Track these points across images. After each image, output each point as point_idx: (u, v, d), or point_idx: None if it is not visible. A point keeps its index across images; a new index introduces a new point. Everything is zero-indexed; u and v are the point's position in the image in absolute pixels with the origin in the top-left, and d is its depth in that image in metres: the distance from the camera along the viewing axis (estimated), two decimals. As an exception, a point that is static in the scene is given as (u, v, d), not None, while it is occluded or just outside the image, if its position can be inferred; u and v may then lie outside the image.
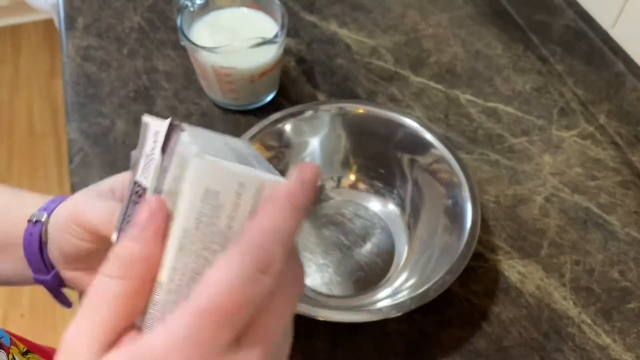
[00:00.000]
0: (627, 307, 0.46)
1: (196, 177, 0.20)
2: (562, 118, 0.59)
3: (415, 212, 0.48)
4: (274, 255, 0.20)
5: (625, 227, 0.50)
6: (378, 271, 0.47)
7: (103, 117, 0.57)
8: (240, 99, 0.56)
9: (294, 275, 0.22)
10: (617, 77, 0.63)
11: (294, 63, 0.63)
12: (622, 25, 0.65)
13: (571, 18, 0.69)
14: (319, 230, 0.49)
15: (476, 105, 0.60)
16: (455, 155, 0.46)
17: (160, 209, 0.21)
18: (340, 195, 0.51)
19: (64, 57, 0.63)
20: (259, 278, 0.19)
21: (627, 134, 0.57)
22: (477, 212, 0.43)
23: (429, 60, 0.64)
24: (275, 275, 0.20)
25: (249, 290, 0.19)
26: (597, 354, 0.43)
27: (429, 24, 0.68)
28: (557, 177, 0.54)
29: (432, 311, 0.45)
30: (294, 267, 0.22)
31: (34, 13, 1.87)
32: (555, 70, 0.63)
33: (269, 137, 0.48)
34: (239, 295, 0.19)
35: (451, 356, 0.43)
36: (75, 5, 0.68)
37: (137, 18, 0.67)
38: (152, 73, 0.61)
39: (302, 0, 0.70)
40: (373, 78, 0.62)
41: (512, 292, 0.46)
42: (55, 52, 1.82)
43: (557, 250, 0.49)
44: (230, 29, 0.55)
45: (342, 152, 0.51)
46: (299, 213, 0.21)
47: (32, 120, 1.65)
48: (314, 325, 0.44)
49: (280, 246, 0.20)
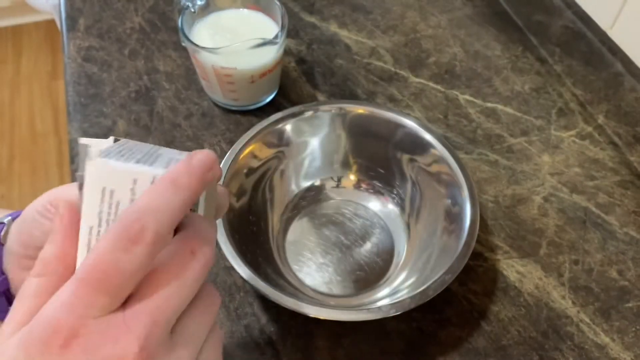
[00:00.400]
0: (626, 306, 0.46)
1: (92, 179, 0.23)
2: (561, 118, 0.59)
3: (415, 212, 0.49)
4: (144, 228, 0.21)
5: (624, 227, 0.51)
6: (378, 270, 0.47)
7: (104, 117, 0.57)
8: (240, 99, 0.57)
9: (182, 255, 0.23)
10: (615, 77, 0.63)
11: (294, 64, 0.63)
12: (621, 26, 0.65)
13: (570, 19, 0.69)
14: (319, 230, 0.49)
15: (475, 106, 0.60)
16: (455, 155, 0.46)
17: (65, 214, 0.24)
18: (340, 195, 0.52)
19: (65, 58, 0.63)
20: (128, 248, 0.21)
21: (626, 134, 0.58)
22: (476, 211, 0.43)
23: (428, 60, 0.64)
24: (148, 245, 0.21)
25: (119, 260, 0.21)
26: (595, 352, 0.43)
27: (428, 25, 0.68)
28: (555, 177, 0.54)
29: (431, 310, 0.45)
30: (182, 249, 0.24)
31: (35, 14, 1.87)
32: (554, 71, 0.64)
33: (269, 137, 0.48)
34: (109, 262, 0.21)
35: (450, 355, 0.43)
36: (76, 6, 0.68)
37: (138, 19, 0.67)
38: (153, 73, 0.61)
39: (302, 1, 0.70)
40: (373, 78, 0.62)
41: (511, 291, 0.47)
42: (56, 52, 1.82)
43: (555, 250, 0.49)
44: (230, 29, 0.55)
45: (342, 152, 0.51)
46: (182, 191, 0.23)
47: (33, 121, 1.66)
48: (314, 325, 0.44)
49: (151, 219, 0.22)
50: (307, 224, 0.50)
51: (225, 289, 0.46)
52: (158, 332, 0.22)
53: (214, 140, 0.56)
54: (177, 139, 0.56)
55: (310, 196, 0.51)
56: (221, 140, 0.56)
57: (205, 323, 0.25)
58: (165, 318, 0.22)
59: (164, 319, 0.22)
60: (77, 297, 0.21)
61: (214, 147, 0.55)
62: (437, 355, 0.43)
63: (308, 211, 0.51)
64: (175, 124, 0.57)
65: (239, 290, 0.46)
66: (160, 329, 0.22)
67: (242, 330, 0.44)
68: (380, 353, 0.43)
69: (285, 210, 0.50)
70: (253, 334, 0.43)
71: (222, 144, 0.56)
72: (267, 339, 0.43)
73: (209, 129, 0.57)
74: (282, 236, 0.49)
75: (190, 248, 0.23)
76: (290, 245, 0.48)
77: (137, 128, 0.56)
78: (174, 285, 0.23)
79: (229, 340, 0.43)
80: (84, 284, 0.21)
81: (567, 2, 0.71)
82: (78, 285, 0.21)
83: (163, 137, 0.56)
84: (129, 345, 0.21)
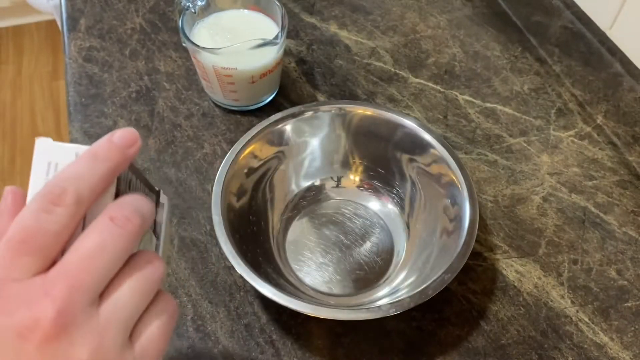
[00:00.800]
0: (625, 305, 0.46)
1: (39, 154, 0.25)
2: (560, 118, 0.59)
3: (414, 212, 0.49)
4: (64, 190, 0.23)
5: (623, 227, 0.51)
6: (377, 270, 0.47)
7: (105, 118, 0.57)
8: (240, 100, 0.57)
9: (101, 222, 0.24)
10: (614, 77, 0.63)
11: (294, 64, 0.63)
12: (620, 27, 0.65)
13: (569, 19, 0.69)
14: (318, 230, 0.50)
15: (474, 106, 0.60)
16: (454, 155, 0.46)
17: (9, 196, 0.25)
18: (340, 195, 0.52)
19: (66, 58, 0.63)
20: (50, 209, 0.22)
21: (625, 134, 0.58)
22: (475, 211, 0.43)
23: (428, 61, 0.65)
24: (67, 206, 0.23)
25: (41, 219, 0.22)
26: (594, 352, 0.44)
27: (427, 26, 0.69)
28: (554, 177, 0.54)
29: (430, 310, 0.45)
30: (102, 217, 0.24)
31: (36, 14, 1.87)
32: (553, 71, 0.64)
33: (269, 138, 0.48)
34: (31, 223, 0.22)
35: (449, 354, 0.43)
36: (77, 6, 0.69)
37: (139, 19, 0.67)
38: (153, 74, 0.62)
39: (303, 2, 0.71)
40: (372, 79, 0.62)
41: (510, 290, 0.47)
42: (57, 53, 1.83)
43: (554, 250, 0.49)
44: (231, 30, 0.56)
45: (342, 152, 0.51)
46: (98, 162, 0.24)
47: (35, 121, 1.66)
48: (314, 324, 0.44)
49: (71, 183, 0.23)
50: (307, 224, 0.50)
51: (225, 289, 0.46)
52: (78, 297, 0.22)
53: (214, 140, 0.56)
54: (178, 139, 0.56)
55: (310, 196, 0.51)
56: (221, 141, 0.56)
57: (139, 292, 0.24)
58: (85, 284, 0.22)
59: (85, 285, 0.22)
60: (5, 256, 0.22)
61: (215, 147, 0.56)
62: (436, 355, 0.43)
63: (308, 211, 0.51)
64: (176, 124, 0.57)
65: (239, 290, 0.46)
66: (80, 295, 0.22)
67: (242, 330, 0.44)
68: (380, 352, 0.43)
69: (286, 210, 0.50)
70: (253, 333, 0.44)
71: (222, 144, 0.56)
72: (267, 338, 0.44)
73: (210, 129, 0.57)
74: (282, 236, 0.49)
75: (110, 215, 0.24)
76: (290, 245, 0.49)
77: (138, 128, 0.56)
78: (93, 250, 0.23)
79: (229, 340, 0.43)
80: (7, 246, 0.22)
81: (566, 3, 0.71)
82: (3, 245, 0.22)
83: (164, 137, 0.56)
84: (45, 309, 0.21)
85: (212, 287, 0.46)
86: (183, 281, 0.46)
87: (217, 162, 0.54)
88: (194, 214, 0.50)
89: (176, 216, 0.50)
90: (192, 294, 0.46)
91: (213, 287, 0.46)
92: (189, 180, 0.53)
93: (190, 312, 0.45)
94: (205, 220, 0.50)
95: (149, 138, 0.56)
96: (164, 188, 0.52)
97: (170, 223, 0.27)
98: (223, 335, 0.44)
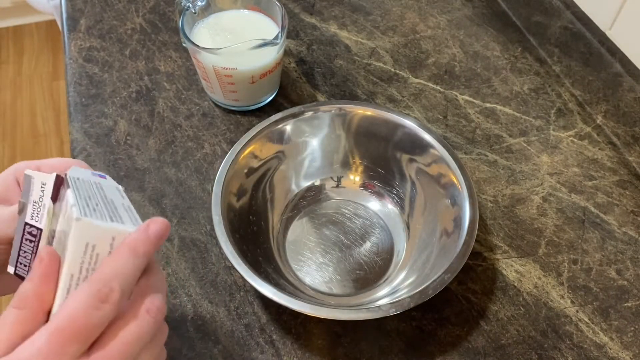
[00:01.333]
0: (624, 305, 0.46)
1: (77, 235, 0.27)
2: (560, 118, 0.59)
3: (414, 212, 0.49)
4: (112, 290, 0.26)
5: (623, 227, 0.51)
6: (377, 270, 0.47)
7: (105, 118, 0.57)
8: (241, 100, 0.57)
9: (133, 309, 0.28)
10: (614, 78, 0.63)
11: (294, 64, 0.64)
12: (620, 27, 0.65)
13: (569, 19, 0.69)
14: (318, 230, 0.50)
15: (474, 106, 0.60)
16: (454, 156, 0.46)
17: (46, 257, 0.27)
18: (340, 195, 0.52)
19: (66, 58, 0.63)
20: (99, 306, 0.26)
21: (624, 134, 0.58)
22: (475, 211, 0.43)
23: (428, 61, 0.65)
24: (114, 303, 0.26)
25: (91, 314, 0.26)
26: (594, 352, 0.44)
27: (427, 26, 0.69)
28: (554, 177, 0.54)
29: (430, 309, 0.45)
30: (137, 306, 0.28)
31: (37, 14, 1.87)
32: (553, 71, 0.64)
33: (269, 138, 0.48)
34: (83, 318, 0.26)
35: (449, 354, 0.43)
36: (77, 7, 0.69)
37: (139, 19, 0.67)
38: (153, 74, 0.62)
39: (303, 2, 0.71)
40: (372, 79, 0.62)
41: (510, 290, 0.47)
42: (57, 53, 1.83)
43: (554, 250, 0.49)
44: (231, 30, 0.56)
45: (342, 152, 0.52)
46: (138, 258, 0.28)
47: (35, 121, 1.66)
48: (314, 324, 0.44)
49: (117, 283, 0.27)
50: (307, 224, 0.50)
51: (225, 289, 0.46)
52: None
53: (214, 140, 0.56)
54: (178, 139, 0.56)
55: (310, 196, 0.51)
56: (221, 141, 0.56)
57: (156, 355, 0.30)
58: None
59: None
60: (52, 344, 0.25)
61: (215, 147, 0.56)
62: (436, 354, 0.43)
63: (308, 211, 0.51)
64: (176, 124, 0.57)
65: (239, 290, 0.46)
66: None
67: (242, 330, 0.44)
68: (380, 352, 0.43)
69: (286, 210, 0.50)
70: (253, 333, 0.44)
71: (222, 144, 0.56)
72: (267, 338, 0.44)
73: (210, 129, 0.57)
74: (282, 236, 0.49)
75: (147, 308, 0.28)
76: (290, 245, 0.49)
77: (138, 128, 0.57)
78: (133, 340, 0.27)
79: (229, 340, 0.43)
80: (60, 334, 0.25)
81: (566, 3, 0.71)
82: (54, 333, 0.25)
83: (164, 138, 0.56)
84: None
85: (212, 287, 0.46)
86: (183, 281, 0.46)
87: (217, 162, 0.54)
88: (194, 214, 0.50)
89: (176, 216, 0.50)
90: (192, 294, 0.46)
91: (213, 287, 0.46)
92: (189, 180, 0.53)
93: (190, 312, 0.45)
94: (205, 220, 0.50)
95: (149, 138, 0.56)
96: (165, 188, 0.52)
97: None
98: (223, 335, 0.44)
